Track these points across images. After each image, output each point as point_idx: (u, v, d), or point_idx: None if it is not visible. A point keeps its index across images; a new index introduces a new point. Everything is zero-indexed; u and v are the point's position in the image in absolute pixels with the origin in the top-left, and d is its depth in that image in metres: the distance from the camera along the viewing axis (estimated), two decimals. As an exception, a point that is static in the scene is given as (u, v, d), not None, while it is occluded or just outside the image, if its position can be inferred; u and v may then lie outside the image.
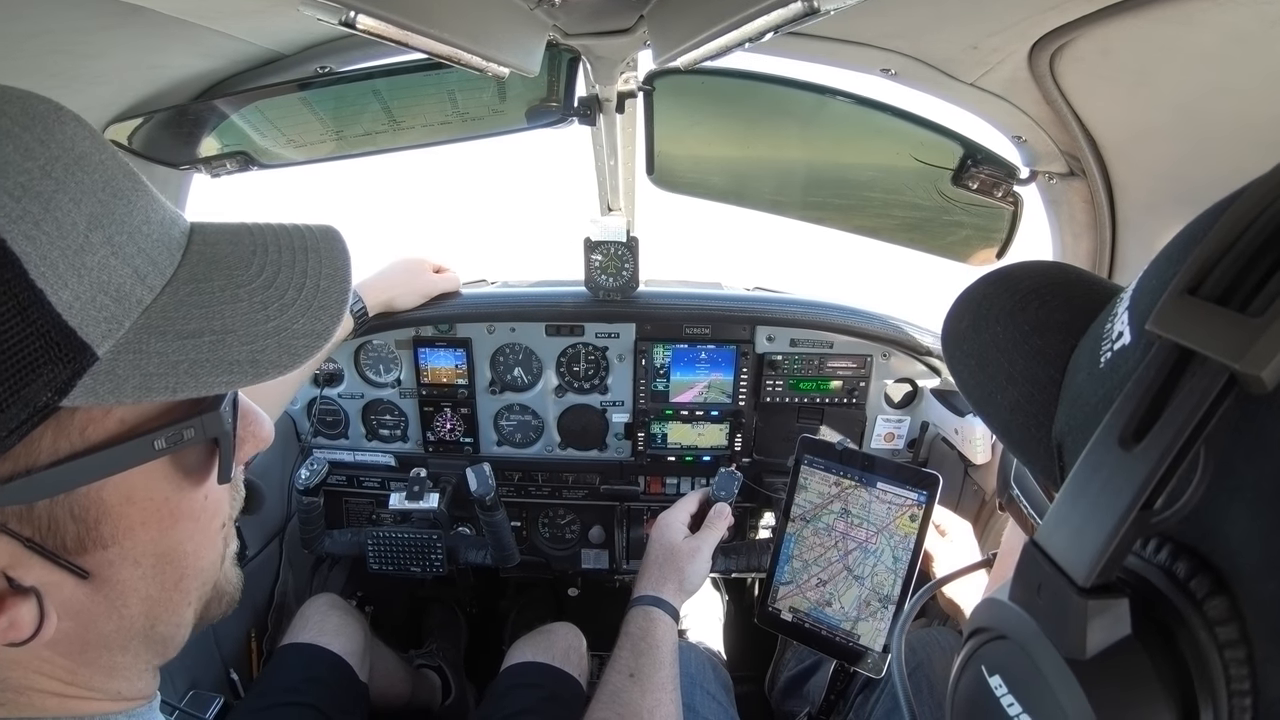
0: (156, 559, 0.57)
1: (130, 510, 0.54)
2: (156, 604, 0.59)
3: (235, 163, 1.61)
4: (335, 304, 0.59)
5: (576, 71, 1.44)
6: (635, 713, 1.19)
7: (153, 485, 0.55)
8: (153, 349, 0.50)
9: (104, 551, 0.53)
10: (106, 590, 0.55)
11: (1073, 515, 0.37)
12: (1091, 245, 1.45)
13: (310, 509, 1.78)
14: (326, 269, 0.61)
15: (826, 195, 1.83)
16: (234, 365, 0.53)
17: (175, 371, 0.50)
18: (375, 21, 0.77)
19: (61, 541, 0.51)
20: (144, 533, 0.55)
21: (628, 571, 2.14)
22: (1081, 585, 0.35)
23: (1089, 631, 0.35)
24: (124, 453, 0.51)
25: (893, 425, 2.01)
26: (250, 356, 0.53)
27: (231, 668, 1.79)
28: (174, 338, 0.51)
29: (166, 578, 0.59)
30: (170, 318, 0.52)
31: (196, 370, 0.51)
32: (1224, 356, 0.31)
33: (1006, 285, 0.60)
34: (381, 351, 1.99)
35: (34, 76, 1.05)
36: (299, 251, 0.61)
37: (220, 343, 0.53)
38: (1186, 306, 0.34)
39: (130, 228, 0.52)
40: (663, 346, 1.91)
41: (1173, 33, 0.87)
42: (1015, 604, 0.40)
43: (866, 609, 1.36)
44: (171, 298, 0.53)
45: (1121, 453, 0.35)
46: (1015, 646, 0.40)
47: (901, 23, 1.17)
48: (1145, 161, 1.21)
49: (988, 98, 1.29)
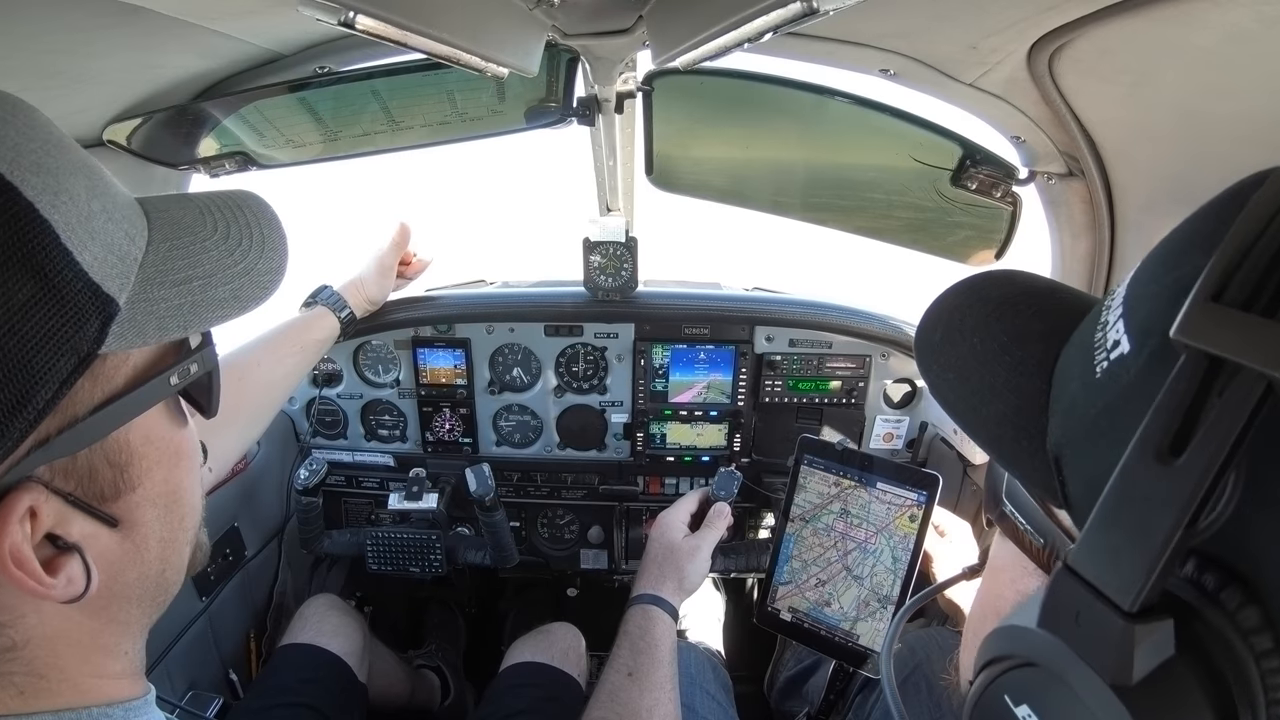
0: (167, 498, 0.63)
1: (149, 450, 0.60)
2: (168, 545, 0.64)
3: (234, 163, 1.61)
4: (281, 244, 0.69)
5: (575, 72, 1.44)
6: (634, 712, 1.19)
7: (162, 425, 0.62)
8: (158, 296, 0.57)
9: (131, 495, 0.59)
10: (133, 535, 0.60)
11: (1111, 537, 0.36)
12: (1090, 246, 1.45)
13: (309, 509, 1.78)
14: (263, 219, 0.69)
15: (825, 196, 1.83)
16: (222, 303, 0.62)
17: (180, 313, 0.58)
18: (374, 22, 0.77)
19: (100, 490, 0.56)
20: (159, 472, 0.61)
21: (627, 571, 2.14)
22: (1128, 610, 0.34)
23: (1136, 658, 0.34)
24: (147, 392, 0.58)
25: (891, 425, 2.01)
26: (232, 294, 0.63)
27: (230, 668, 1.79)
28: (170, 285, 0.59)
29: (174, 516, 0.64)
30: (162, 269, 0.59)
31: (197, 310, 0.60)
32: (1262, 365, 0.30)
33: (977, 295, 0.59)
34: (380, 352, 1.99)
35: (32, 76, 1.05)
36: (234, 209, 0.68)
37: (207, 284, 0.61)
38: (1213, 314, 0.33)
39: (112, 196, 0.58)
40: (662, 347, 1.91)
41: (1172, 33, 0.86)
42: (1047, 631, 0.39)
43: (866, 609, 1.36)
44: (156, 253, 0.59)
45: (1160, 469, 0.34)
46: (1047, 675, 0.39)
47: (900, 23, 1.17)
48: (1144, 162, 1.21)
49: (986, 98, 1.29)
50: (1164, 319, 0.36)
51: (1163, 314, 0.38)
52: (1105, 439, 0.41)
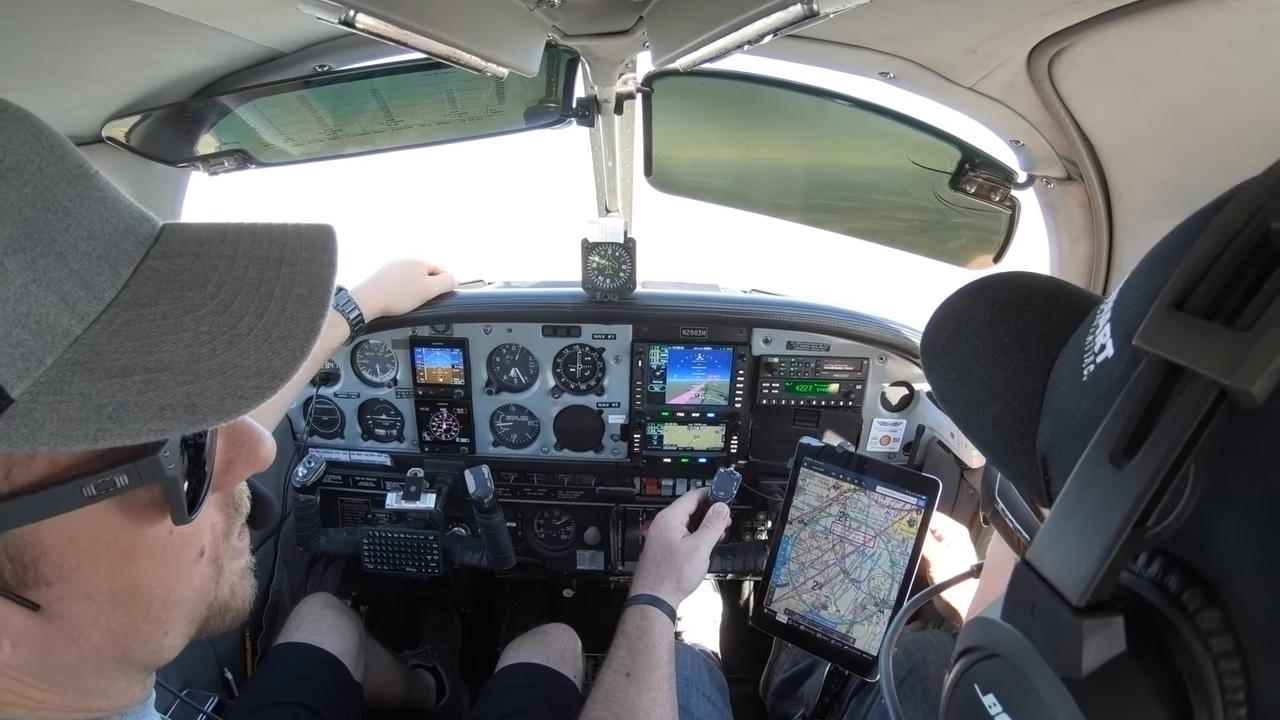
0: (113, 594, 0.53)
1: (72, 550, 0.50)
2: (123, 635, 0.56)
3: (233, 161, 1.61)
4: (301, 335, 0.51)
5: (575, 72, 1.44)
6: (630, 712, 1.18)
7: (99, 525, 0.51)
8: (75, 389, 0.45)
9: (48, 588, 0.50)
10: (60, 623, 0.52)
11: (1065, 534, 0.37)
12: (1088, 250, 1.45)
13: (306, 507, 1.77)
14: (300, 288, 0.53)
15: (824, 198, 1.83)
16: (165, 410, 0.46)
17: (98, 416, 0.44)
18: (374, 20, 0.77)
19: (1, 577, 0.48)
20: (93, 570, 0.51)
21: (623, 573, 2.13)
22: (1076, 605, 0.35)
23: (1085, 650, 0.35)
24: (51, 498, 0.46)
25: (889, 428, 2.01)
26: (186, 400, 0.47)
27: (226, 666, 1.78)
28: (101, 376, 0.46)
29: (131, 610, 0.55)
30: (100, 352, 0.46)
31: (121, 415, 0.45)
32: (1214, 372, 0.31)
33: (984, 297, 0.60)
34: (378, 351, 1.99)
35: (31, 73, 1.05)
36: (271, 264, 0.54)
37: (152, 383, 0.46)
38: (1174, 321, 0.34)
39: (62, 247, 0.46)
40: (659, 348, 1.91)
41: (1171, 38, 0.87)
42: (1008, 623, 0.40)
43: (862, 612, 1.36)
44: (106, 327, 0.47)
45: (1113, 470, 0.35)
46: (1009, 665, 0.40)
47: (900, 26, 1.17)
48: (1143, 167, 1.21)
49: (986, 102, 1.29)
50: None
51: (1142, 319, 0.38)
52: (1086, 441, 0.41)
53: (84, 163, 0.51)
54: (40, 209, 0.46)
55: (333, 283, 0.55)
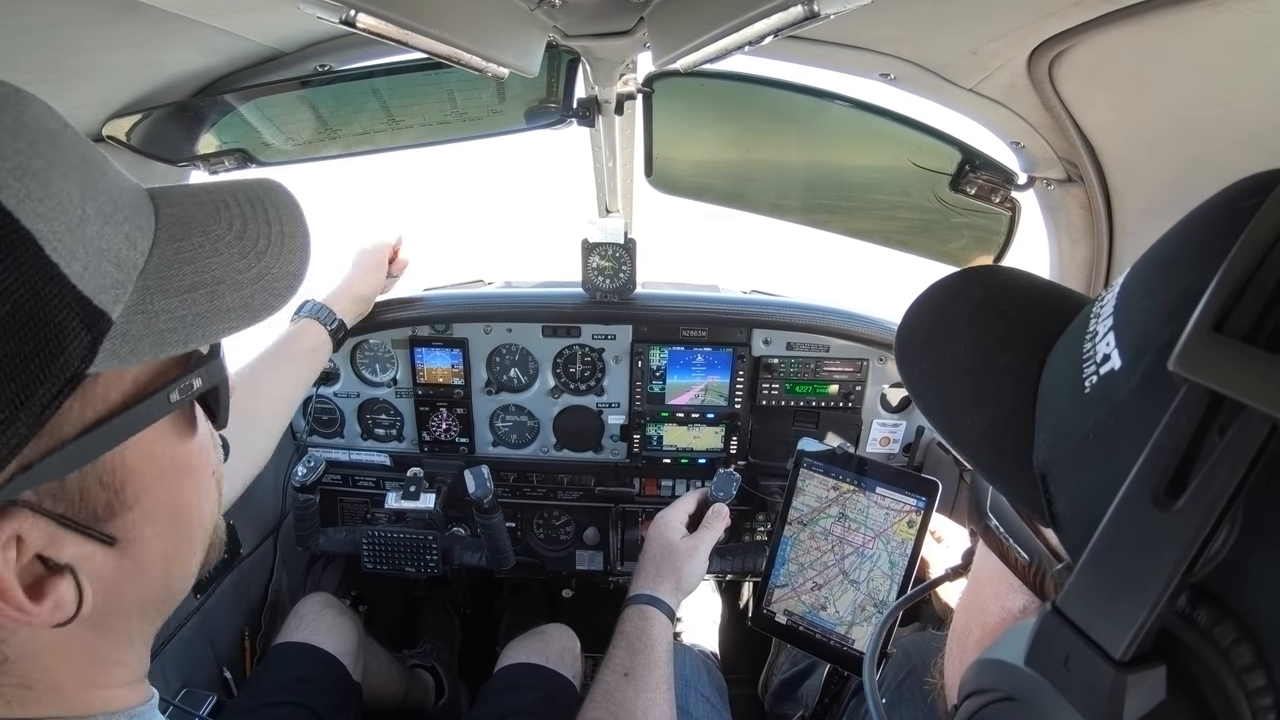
0: (170, 514, 0.60)
1: (149, 468, 0.56)
2: (172, 560, 0.62)
3: (233, 160, 1.61)
4: (302, 246, 0.63)
5: (576, 73, 1.44)
6: (629, 712, 1.18)
7: (164, 441, 0.58)
8: (158, 307, 0.53)
9: (129, 514, 0.56)
10: (132, 553, 0.57)
11: (1104, 583, 0.34)
12: (1089, 251, 1.45)
13: (306, 506, 1.77)
14: (285, 215, 0.63)
15: (824, 199, 1.83)
16: (230, 312, 0.56)
17: (183, 325, 0.54)
18: (375, 20, 0.77)
19: (93, 511, 0.53)
20: (160, 489, 0.58)
21: (622, 573, 2.13)
22: (1119, 660, 0.33)
23: (1128, 705, 0.33)
24: (145, 410, 0.54)
25: (888, 429, 2.02)
26: (242, 302, 0.57)
27: (225, 666, 1.78)
28: (174, 294, 0.54)
29: (179, 531, 0.62)
30: (165, 276, 0.54)
31: (201, 321, 0.55)
32: (1269, 406, 0.29)
33: (958, 295, 0.58)
34: (377, 351, 1.99)
35: (31, 71, 1.05)
36: (255, 203, 0.63)
37: (214, 293, 0.56)
38: (1216, 347, 0.31)
39: (112, 196, 0.53)
40: (659, 348, 1.91)
41: (1172, 40, 0.87)
42: (1035, 671, 0.38)
43: (862, 613, 1.36)
44: (160, 258, 0.55)
45: (1156, 513, 0.32)
46: (1030, 712, 0.38)
47: (901, 27, 1.17)
48: (1143, 169, 1.21)
49: (986, 103, 1.29)
50: (1158, 338, 0.35)
51: (1155, 333, 0.37)
52: (1095, 459, 0.40)
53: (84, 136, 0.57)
54: (89, 165, 0.53)
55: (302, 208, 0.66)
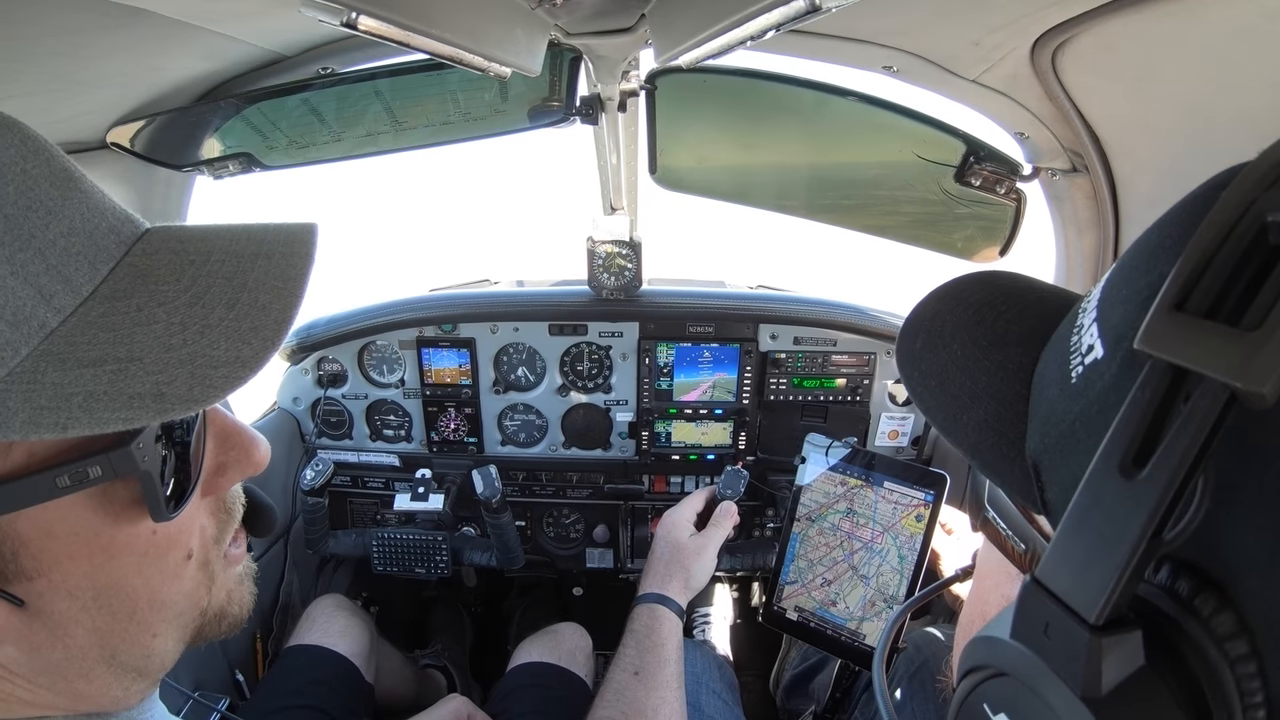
0: (96, 592, 0.53)
1: (51, 544, 0.50)
2: (109, 635, 0.55)
3: (237, 164, 1.61)
4: (271, 326, 0.52)
5: (578, 71, 1.43)
6: (639, 710, 1.19)
7: (77, 519, 0.51)
8: (48, 379, 0.45)
9: (30, 583, 0.50)
10: (44, 620, 0.52)
11: (1077, 550, 0.36)
12: (1095, 241, 1.44)
13: (315, 509, 1.78)
14: (274, 280, 0.53)
15: (829, 193, 1.83)
16: (134, 399, 0.47)
17: (68, 405, 0.45)
18: (377, 22, 0.77)
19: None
20: (73, 566, 0.51)
21: (633, 570, 2.14)
22: (1093, 623, 0.34)
23: (1104, 669, 0.34)
24: (25, 488, 0.47)
25: (896, 423, 2.01)
26: (155, 389, 0.47)
27: (237, 669, 1.79)
28: (73, 366, 0.46)
29: (115, 610, 0.55)
30: (74, 343, 0.47)
31: (90, 404, 0.46)
32: (1224, 375, 0.30)
33: (957, 299, 0.59)
34: (385, 352, 2.00)
35: (35, 80, 1.05)
36: (247, 258, 0.54)
37: (122, 372, 0.47)
38: (1176, 323, 0.33)
39: (42, 243, 0.47)
40: (666, 345, 1.91)
41: (1175, 28, 0.86)
42: (1019, 642, 0.39)
43: (872, 609, 1.35)
44: (82, 320, 0.48)
45: (1124, 481, 0.34)
46: (1020, 685, 0.39)
47: (903, 19, 1.16)
48: (1148, 157, 1.20)
49: (990, 94, 1.28)
50: (1136, 324, 0.36)
51: (1133, 320, 0.37)
52: (1081, 445, 0.40)
53: (70, 167, 0.52)
54: (22, 207, 0.47)
55: (308, 275, 0.55)
